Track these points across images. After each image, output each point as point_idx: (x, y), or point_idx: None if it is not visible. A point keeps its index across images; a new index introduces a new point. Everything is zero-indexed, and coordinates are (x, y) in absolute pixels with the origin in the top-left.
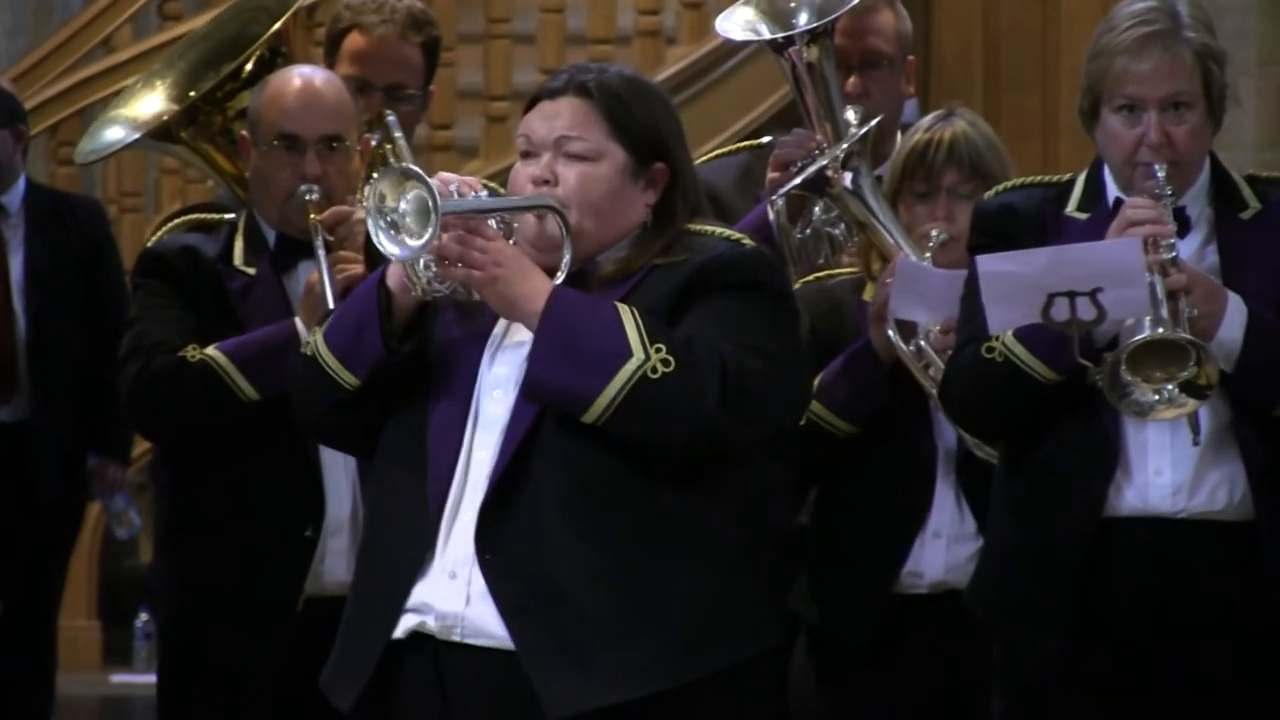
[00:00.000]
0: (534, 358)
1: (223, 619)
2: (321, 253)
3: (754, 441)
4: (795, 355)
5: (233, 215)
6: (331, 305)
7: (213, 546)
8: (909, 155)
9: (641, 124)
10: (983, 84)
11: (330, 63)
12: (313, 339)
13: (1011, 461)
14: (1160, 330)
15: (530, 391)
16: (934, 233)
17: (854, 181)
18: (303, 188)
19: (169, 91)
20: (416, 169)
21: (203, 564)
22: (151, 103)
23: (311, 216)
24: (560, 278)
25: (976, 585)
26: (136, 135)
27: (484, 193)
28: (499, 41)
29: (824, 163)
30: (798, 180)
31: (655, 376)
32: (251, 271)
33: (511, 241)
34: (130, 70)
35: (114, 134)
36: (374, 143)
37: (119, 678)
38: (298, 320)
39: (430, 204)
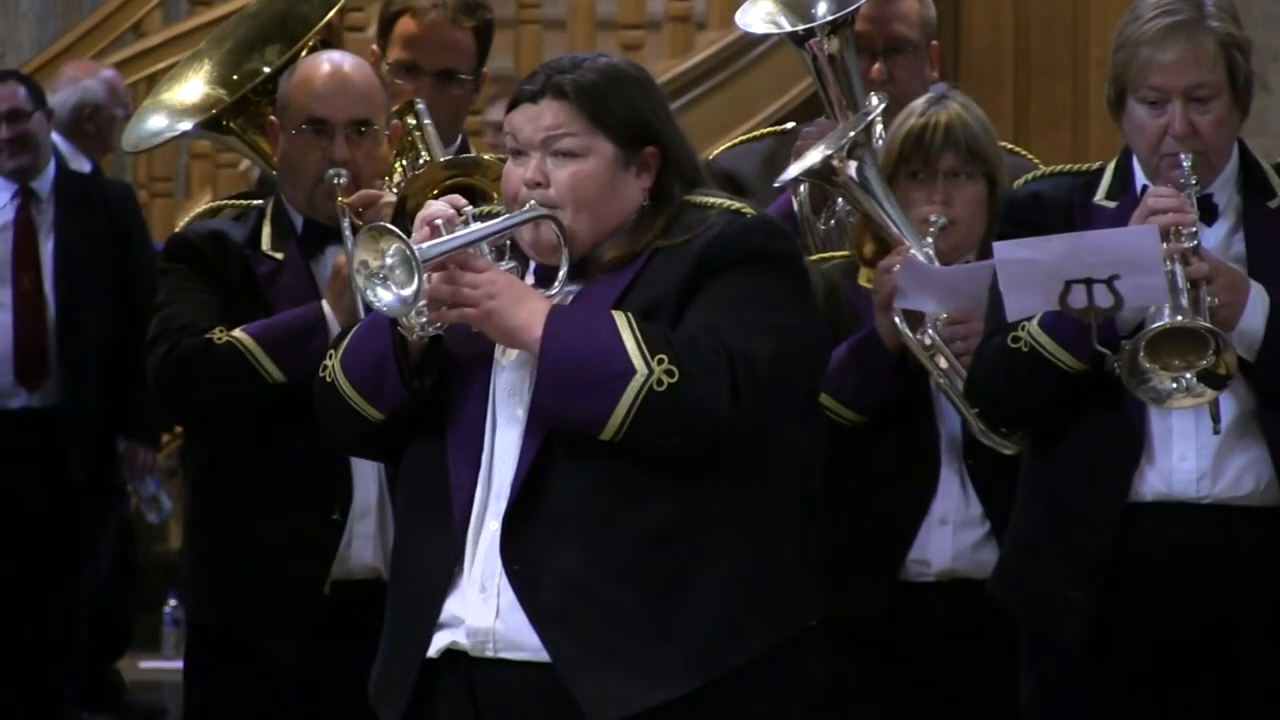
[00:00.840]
0: (539, 390)
1: (250, 602)
2: (349, 235)
3: (779, 419)
4: (807, 321)
5: (260, 201)
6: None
7: (240, 530)
8: (905, 139)
9: (624, 115)
10: (1013, 71)
11: (382, 46)
12: (331, 365)
13: (1038, 450)
14: (1180, 318)
15: (542, 422)
16: (933, 218)
17: (859, 171)
18: (331, 172)
19: (214, 73)
20: (386, 225)
21: (230, 547)
22: (195, 87)
23: (339, 199)
24: (559, 285)
25: (1002, 573)
26: (188, 126)
27: (470, 210)
28: (529, 27)
29: (829, 151)
30: (801, 168)
31: (661, 389)
32: (279, 256)
33: (507, 253)
34: (161, 55)
35: (159, 122)
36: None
37: (147, 664)
38: (325, 303)
39: (408, 254)
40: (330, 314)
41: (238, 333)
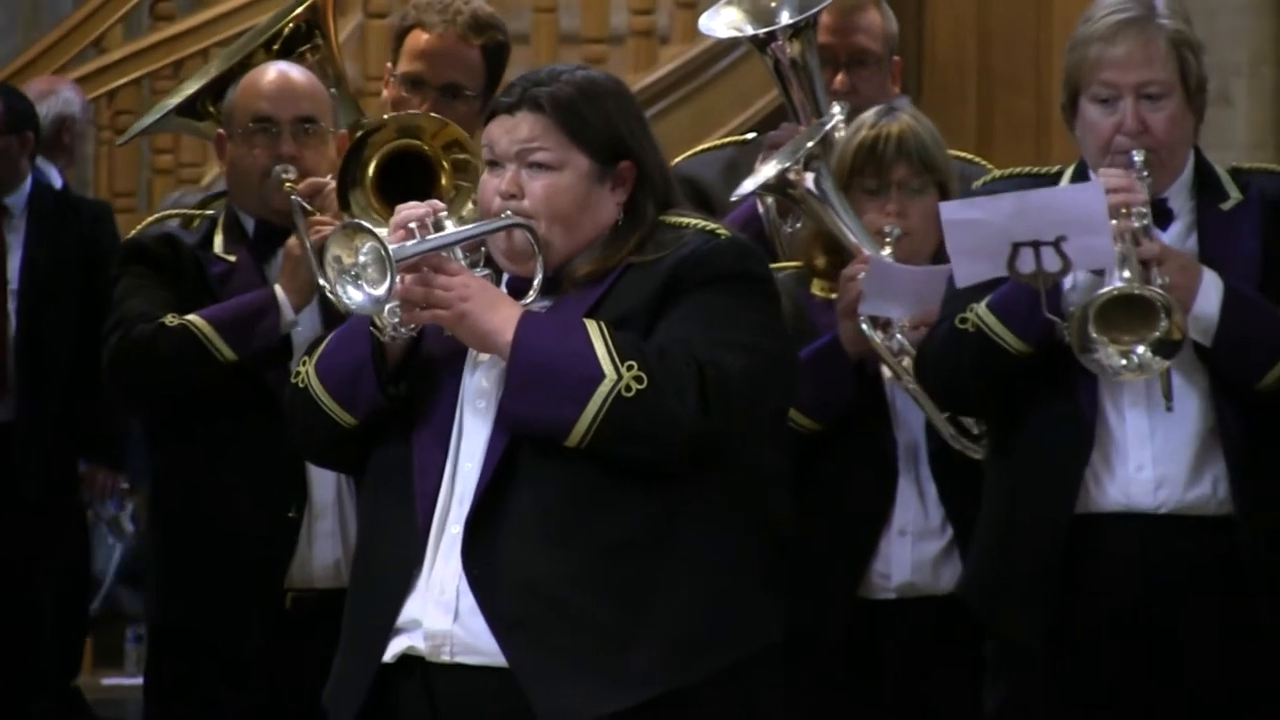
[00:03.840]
0: (507, 393)
1: (209, 602)
2: (300, 220)
3: (746, 437)
4: (778, 342)
5: (212, 211)
6: (315, 269)
7: (197, 531)
8: (857, 151)
9: (600, 129)
10: (976, 84)
11: (393, 59)
12: (304, 370)
13: (996, 448)
14: (1133, 284)
15: (509, 425)
16: (888, 229)
17: (816, 183)
18: (278, 167)
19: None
20: (363, 224)
21: (188, 548)
22: (195, 86)
23: (288, 186)
24: (533, 294)
25: (970, 574)
26: (166, 110)
27: (449, 221)
28: None
29: (785, 164)
30: (756, 182)
31: (629, 395)
32: (231, 258)
33: (481, 263)
34: (122, 71)
35: (154, 114)
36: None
37: (110, 680)
38: (278, 287)
39: (383, 253)
40: (282, 296)
41: (190, 316)
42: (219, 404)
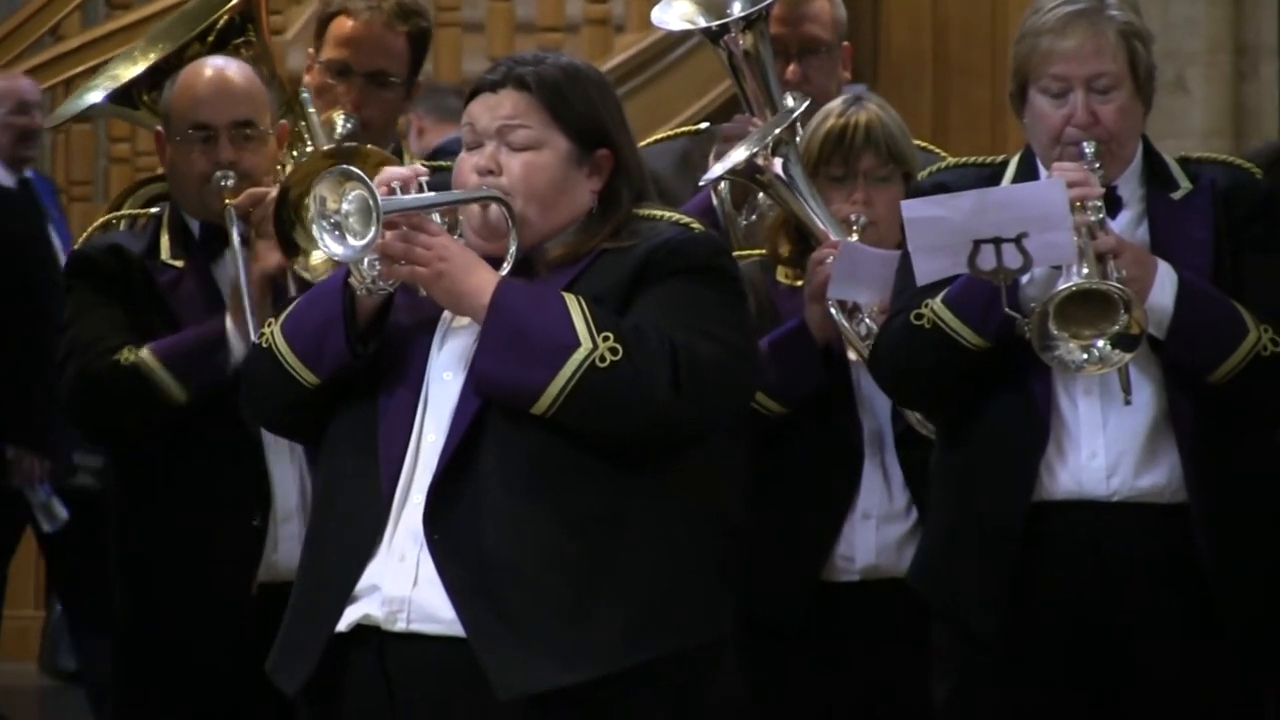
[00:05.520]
0: (480, 353)
1: (175, 609)
2: (238, 246)
3: (707, 427)
4: (745, 338)
5: (155, 210)
6: (248, 305)
7: (163, 538)
8: (825, 140)
9: (582, 113)
10: (932, 72)
11: (317, 46)
12: (269, 332)
13: (947, 437)
14: (1091, 279)
15: (478, 386)
16: (854, 217)
17: (784, 168)
18: (218, 174)
19: (145, 60)
20: (356, 170)
21: (154, 555)
22: (128, 72)
23: (226, 202)
24: (507, 267)
25: (920, 563)
26: (98, 97)
27: (426, 181)
28: (448, 30)
29: (754, 149)
30: (725, 167)
31: (604, 366)
32: (179, 264)
33: (457, 234)
34: (79, 59)
35: (87, 99)
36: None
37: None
38: (228, 319)
39: (371, 203)
40: (232, 330)
41: (144, 352)
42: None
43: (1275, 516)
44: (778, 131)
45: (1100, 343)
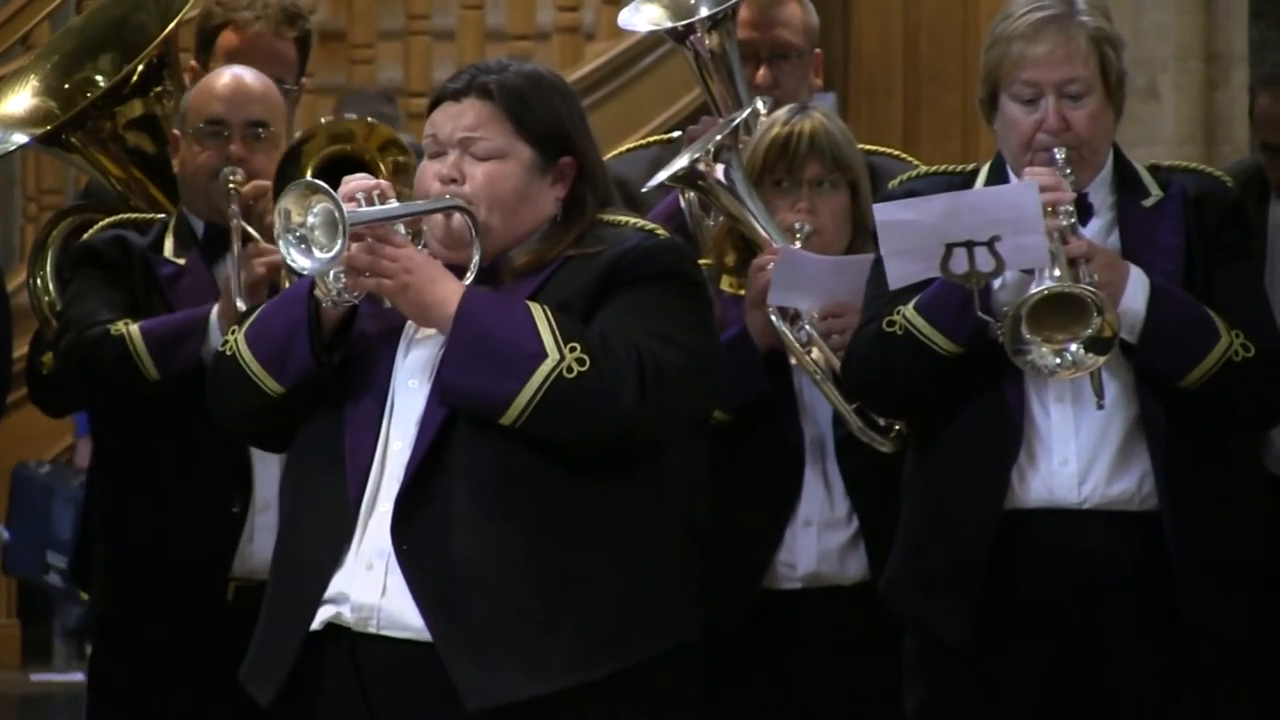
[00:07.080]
0: (447, 364)
1: (153, 597)
2: (236, 246)
3: (673, 434)
4: (710, 345)
5: (164, 215)
6: (239, 300)
7: (142, 526)
8: (769, 148)
9: (545, 121)
10: (903, 80)
11: (203, 60)
12: (232, 339)
13: (919, 444)
14: (1064, 282)
15: (445, 397)
16: (798, 226)
17: (726, 174)
18: (227, 169)
19: (42, 85)
20: (321, 183)
21: (131, 542)
22: (22, 100)
23: (231, 188)
24: (470, 276)
25: (892, 571)
26: (23, 139)
27: (393, 198)
28: (419, 38)
29: (695, 156)
30: (667, 173)
31: (571, 376)
32: (181, 261)
33: (421, 243)
34: None
35: (13, 139)
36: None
37: (39, 676)
38: (214, 310)
39: (337, 216)
40: (215, 322)
41: (133, 326)
42: (162, 399)
43: (1246, 522)
44: (719, 138)
45: (1073, 346)
